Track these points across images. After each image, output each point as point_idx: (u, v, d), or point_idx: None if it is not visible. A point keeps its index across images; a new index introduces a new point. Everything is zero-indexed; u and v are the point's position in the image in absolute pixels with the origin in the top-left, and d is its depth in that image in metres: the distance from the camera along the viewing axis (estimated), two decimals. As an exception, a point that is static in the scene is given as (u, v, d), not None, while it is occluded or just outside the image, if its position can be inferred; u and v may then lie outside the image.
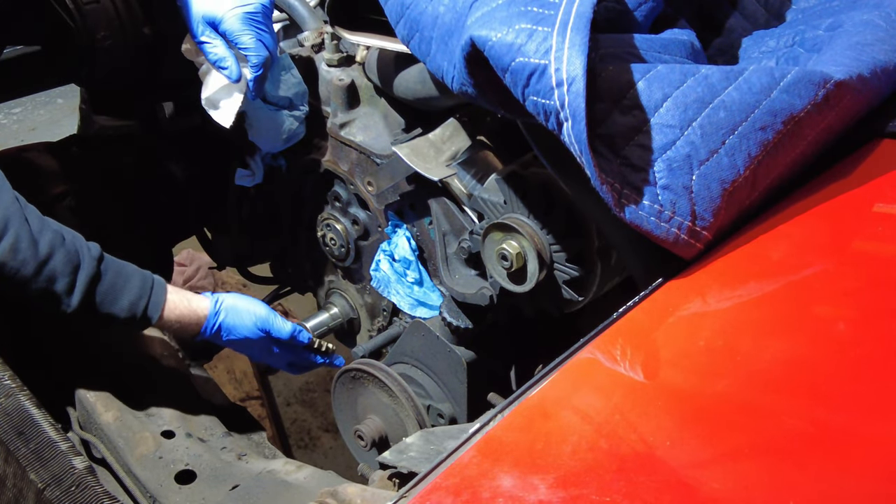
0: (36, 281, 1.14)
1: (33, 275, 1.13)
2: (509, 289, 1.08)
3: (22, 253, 1.12)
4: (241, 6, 1.22)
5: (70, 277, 1.16)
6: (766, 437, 0.62)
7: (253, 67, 1.25)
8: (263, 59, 1.25)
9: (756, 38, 1.14)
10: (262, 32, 1.24)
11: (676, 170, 0.79)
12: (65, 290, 1.17)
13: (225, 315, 1.33)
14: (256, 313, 1.34)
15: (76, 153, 1.80)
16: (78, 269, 1.17)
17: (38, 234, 1.14)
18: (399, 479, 0.87)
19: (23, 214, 1.14)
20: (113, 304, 1.22)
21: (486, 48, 0.81)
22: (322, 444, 2.70)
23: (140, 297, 1.25)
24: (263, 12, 1.24)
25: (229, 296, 1.36)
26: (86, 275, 1.18)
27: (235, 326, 1.33)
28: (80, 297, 1.18)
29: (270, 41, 1.26)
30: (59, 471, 1.07)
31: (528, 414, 0.69)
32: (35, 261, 1.13)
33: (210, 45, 1.24)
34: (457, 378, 1.27)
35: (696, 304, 0.80)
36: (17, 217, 1.13)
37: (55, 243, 1.16)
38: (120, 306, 1.23)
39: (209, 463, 1.31)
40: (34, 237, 1.14)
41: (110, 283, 1.22)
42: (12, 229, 1.11)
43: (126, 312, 1.24)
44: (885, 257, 0.80)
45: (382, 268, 1.38)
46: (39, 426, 1.12)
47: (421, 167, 1.20)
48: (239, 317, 1.33)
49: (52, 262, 1.15)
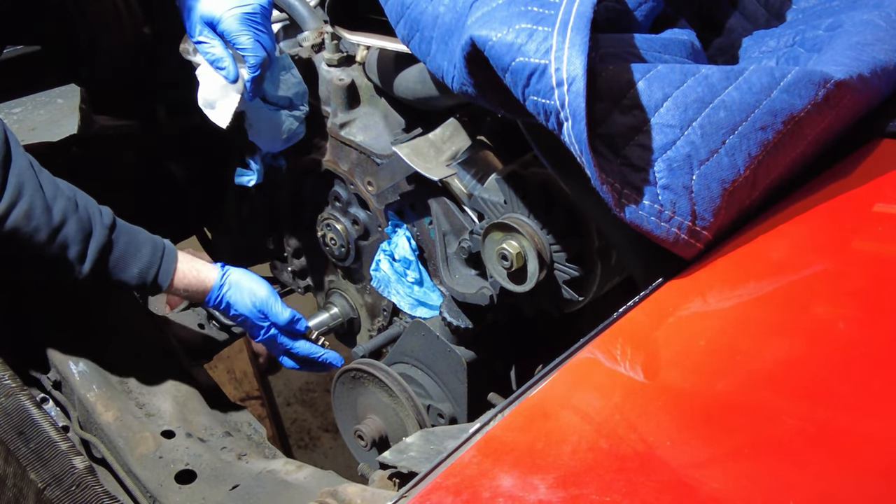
0: (49, 247, 1.16)
1: (46, 241, 1.16)
2: (509, 289, 1.08)
3: (36, 220, 1.14)
4: (239, 6, 1.22)
5: (82, 245, 1.18)
6: (766, 437, 0.62)
7: (251, 68, 1.25)
8: (261, 60, 1.25)
9: (756, 38, 1.14)
10: (261, 33, 1.24)
11: (677, 169, 0.79)
12: (77, 257, 1.19)
13: (229, 288, 1.34)
14: (256, 293, 1.36)
15: (76, 153, 1.80)
16: (90, 237, 1.19)
17: (52, 200, 1.16)
18: (399, 478, 0.87)
19: (37, 180, 1.16)
20: (123, 271, 1.25)
21: (487, 48, 0.81)
22: (322, 444, 2.70)
23: (150, 266, 1.27)
24: (262, 13, 1.24)
25: (237, 271, 1.37)
26: (97, 243, 1.20)
27: (236, 303, 1.35)
28: (91, 264, 1.20)
29: (268, 42, 1.26)
30: (59, 470, 1.07)
31: (528, 414, 0.69)
32: (48, 227, 1.15)
33: (207, 45, 1.24)
34: (457, 378, 1.27)
35: (696, 304, 0.80)
36: (31, 183, 1.15)
37: (68, 210, 1.17)
38: (130, 274, 1.25)
39: (209, 463, 1.32)
40: (48, 204, 1.16)
41: (121, 251, 1.24)
42: (26, 195, 1.13)
43: (136, 279, 1.26)
44: (885, 257, 0.80)
45: (382, 268, 1.38)
46: (39, 426, 1.12)
47: (421, 167, 1.20)
48: (240, 293, 1.35)
49: (64, 230, 1.17)
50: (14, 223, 1.13)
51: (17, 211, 1.12)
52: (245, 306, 1.35)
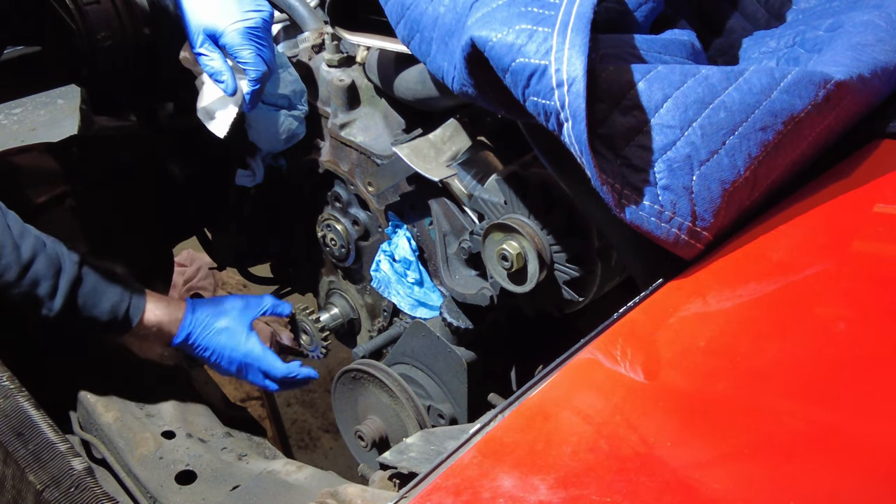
0: (19, 285, 1.15)
1: (16, 279, 1.14)
2: (510, 289, 1.08)
3: (5, 258, 1.13)
4: (242, 20, 1.22)
5: (53, 280, 1.17)
6: (766, 437, 0.62)
7: (251, 82, 1.26)
8: (261, 74, 1.25)
9: (756, 39, 1.14)
10: (262, 47, 1.25)
11: (677, 170, 0.79)
12: (47, 293, 1.17)
13: (201, 327, 1.34)
14: (236, 342, 1.36)
15: (76, 153, 1.80)
16: (60, 272, 1.18)
17: (20, 238, 1.15)
18: (399, 479, 0.87)
19: (4, 220, 1.15)
20: (95, 306, 1.23)
21: (487, 49, 0.81)
22: (322, 444, 2.70)
23: (121, 300, 1.26)
24: (264, 27, 1.25)
25: (205, 309, 1.36)
26: (68, 278, 1.19)
27: (212, 346, 1.35)
28: (62, 299, 1.19)
29: (269, 55, 1.26)
30: (57, 472, 1.07)
31: (528, 414, 0.69)
32: (18, 265, 1.14)
33: (207, 58, 1.25)
34: (457, 378, 1.27)
35: (697, 304, 0.80)
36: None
37: (37, 247, 1.16)
38: (101, 309, 1.24)
39: (209, 463, 1.32)
40: (16, 241, 1.14)
41: (92, 286, 1.23)
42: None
43: (108, 315, 1.25)
44: (885, 257, 0.80)
45: (383, 268, 1.38)
46: (38, 427, 1.12)
47: (421, 167, 1.20)
48: (217, 337, 1.35)
49: (35, 266, 1.15)
50: None
51: None
52: (224, 353, 1.35)
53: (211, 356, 1.36)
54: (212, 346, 1.35)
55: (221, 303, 1.40)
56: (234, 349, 1.36)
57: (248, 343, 1.36)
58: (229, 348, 1.36)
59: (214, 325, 1.35)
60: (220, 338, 1.35)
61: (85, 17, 1.49)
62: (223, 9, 1.23)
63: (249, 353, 1.36)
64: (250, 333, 1.38)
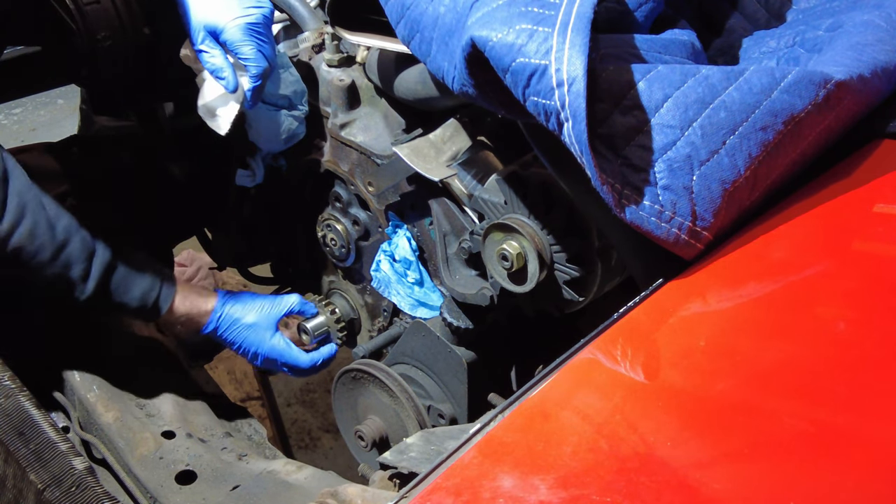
0: (52, 265, 1.15)
1: (50, 259, 1.14)
2: (510, 289, 1.08)
3: (39, 238, 1.12)
4: (243, 16, 1.22)
5: (86, 264, 1.17)
6: (766, 437, 0.62)
7: (252, 78, 1.26)
8: (262, 70, 1.25)
9: (756, 39, 1.14)
10: (263, 43, 1.25)
11: (677, 170, 0.79)
12: (80, 276, 1.17)
13: (231, 322, 1.36)
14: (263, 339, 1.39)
15: (76, 153, 1.80)
16: (93, 255, 1.18)
17: (55, 219, 1.15)
18: (399, 479, 0.87)
19: (40, 199, 1.14)
20: (126, 293, 1.24)
21: (487, 48, 0.81)
22: (322, 444, 2.70)
23: (152, 288, 1.27)
24: (264, 23, 1.25)
25: (238, 303, 1.39)
26: (101, 262, 1.19)
27: (243, 341, 1.38)
28: (94, 283, 1.19)
29: (270, 51, 1.26)
30: (58, 471, 1.07)
31: (528, 414, 0.69)
32: (52, 245, 1.14)
33: (208, 55, 1.24)
34: (457, 378, 1.27)
35: (697, 304, 0.80)
36: (34, 202, 1.13)
37: (71, 228, 1.17)
38: (132, 295, 1.25)
39: (209, 463, 1.32)
40: (51, 222, 1.14)
41: (124, 272, 1.23)
42: (30, 214, 1.12)
43: (138, 301, 1.26)
44: (885, 257, 0.80)
45: (383, 268, 1.38)
46: (39, 427, 1.12)
47: (421, 167, 1.20)
48: (247, 332, 1.38)
49: (69, 248, 1.15)
50: (18, 241, 1.11)
51: (21, 229, 1.11)
52: (250, 348, 1.38)
53: (238, 349, 1.40)
54: (238, 341, 1.38)
55: (251, 299, 1.42)
56: (259, 345, 1.39)
57: (273, 340, 1.40)
58: (255, 344, 1.39)
59: (242, 321, 1.37)
60: (247, 333, 1.38)
61: (85, 17, 1.49)
62: (224, 5, 1.23)
63: (274, 348, 1.40)
64: (276, 331, 1.41)
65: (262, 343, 1.39)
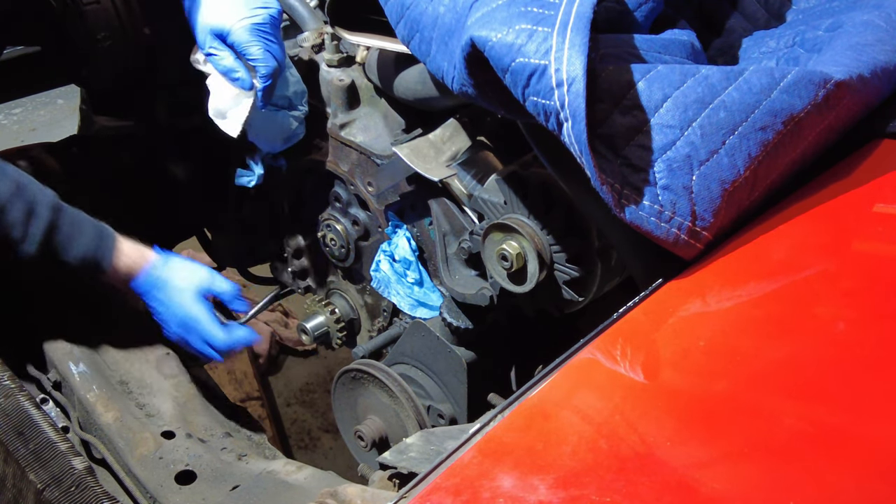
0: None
1: None
2: (509, 289, 1.08)
3: None
4: (248, 17, 1.23)
5: (25, 228, 1.20)
6: (766, 437, 0.62)
7: (261, 78, 1.26)
8: (272, 70, 1.25)
9: (756, 39, 1.14)
10: (271, 43, 1.25)
11: (676, 170, 0.79)
12: (20, 237, 1.20)
13: (158, 285, 1.34)
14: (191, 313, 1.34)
15: (76, 153, 1.80)
16: (32, 217, 1.21)
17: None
18: (399, 479, 0.86)
19: None
20: (66, 252, 1.26)
21: (487, 48, 0.81)
22: (322, 444, 2.70)
23: (93, 247, 1.28)
24: (272, 23, 1.25)
25: (172, 266, 1.36)
26: (41, 225, 1.22)
27: (162, 302, 1.34)
28: (35, 246, 1.22)
29: (279, 51, 1.26)
30: (58, 471, 1.07)
31: (528, 414, 0.69)
32: None
33: (218, 57, 1.25)
34: (457, 378, 1.27)
35: (696, 304, 0.80)
36: None
37: (11, 191, 1.19)
38: (73, 255, 1.26)
39: (209, 463, 1.31)
40: None
41: (66, 234, 1.25)
42: None
43: (79, 261, 1.27)
44: (885, 257, 0.80)
45: (383, 268, 1.38)
46: (39, 426, 1.12)
47: (421, 167, 1.20)
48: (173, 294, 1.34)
49: (9, 214, 1.18)
50: None
51: None
52: (170, 308, 1.34)
53: (158, 307, 1.36)
54: (162, 299, 1.35)
55: (185, 263, 1.39)
56: (179, 306, 1.35)
57: (195, 308, 1.35)
58: (176, 304, 1.35)
59: (171, 282, 1.35)
60: (172, 293, 1.34)
61: (85, 17, 1.49)
62: (230, 7, 1.23)
63: (192, 315, 1.35)
64: (201, 300, 1.36)
65: (181, 305, 1.34)
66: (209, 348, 1.38)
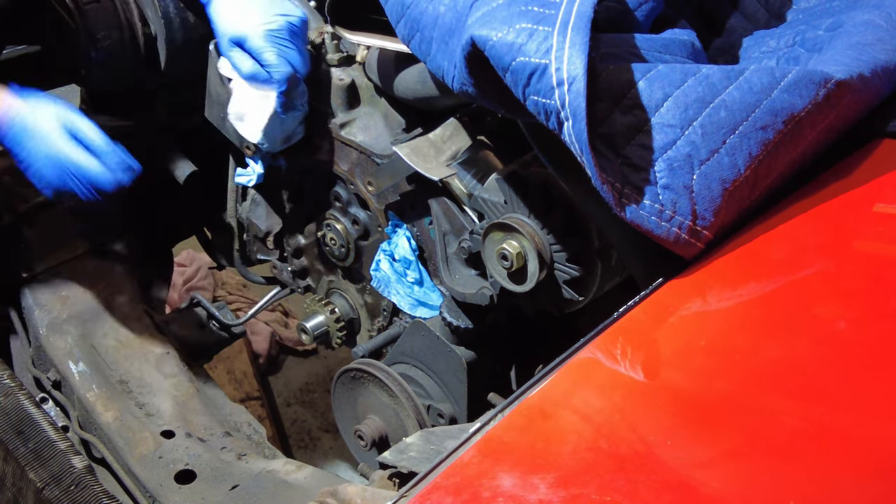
0: None
1: None
2: (509, 289, 1.08)
3: None
4: (265, 24, 1.24)
5: None
6: (766, 437, 0.62)
7: (276, 83, 1.26)
8: (286, 76, 1.26)
9: (757, 38, 1.14)
10: (286, 49, 1.25)
11: (677, 169, 0.79)
12: None
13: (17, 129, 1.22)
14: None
15: (76, 153, 1.80)
16: None
17: None
18: (399, 478, 0.86)
19: None
20: None
21: (487, 48, 0.81)
22: (322, 444, 2.70)
23: None
24: (289, 29, 1.25)
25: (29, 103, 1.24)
26: None
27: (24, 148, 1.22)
28: None
29: (296, 58, 1.27)
30: (58, 470, 1.07)
31: (528, 414, 0.69)
32: None
33: (238, 61, 1.27)
34: (457, 378, 1.27)
35: (697, 303, 0.80)
36: None
37: None
38: None
39: (209, 463, 1.32)
40: None
41: None
42: None
43: None
44: (885, 257, 0.80)
45: (383, 268, 1.38)
46: (38, 425, 1.12)
47: (421, 167, 1.20)
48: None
49: None
50: None
51: None
52: (39, 147, 1.21)
53: (27, 157, 1.24)
54: (29, 148, 1.23)
55: (50, 105, 1.27)
56: (49, 150, 1.22)
57: (67, 147, 1.23)
58: (45, 148, 1.22)
59: (36, 126, 1.23)
60: (38, 138, 1.23)
61: (85, 17, 1.49)
62: (249, 15, 1.25)
63: (66, 155, 1.23)
64: (72, 139, 1.24)
65: (52, 149, 1.22)
66: (93, 191, 1.26)
